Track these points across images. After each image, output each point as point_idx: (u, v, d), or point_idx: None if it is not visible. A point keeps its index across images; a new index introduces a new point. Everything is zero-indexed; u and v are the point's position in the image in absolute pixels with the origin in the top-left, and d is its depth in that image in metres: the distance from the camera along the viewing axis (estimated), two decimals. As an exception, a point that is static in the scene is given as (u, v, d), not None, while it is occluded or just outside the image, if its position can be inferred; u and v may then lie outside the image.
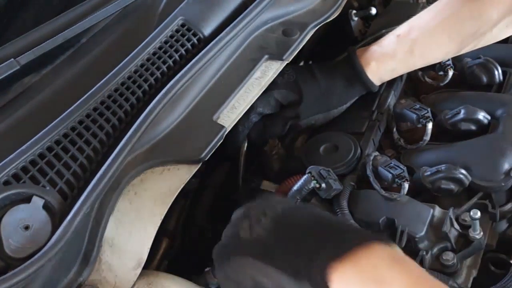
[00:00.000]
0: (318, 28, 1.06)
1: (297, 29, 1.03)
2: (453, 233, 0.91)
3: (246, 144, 1.04)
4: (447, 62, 1.11)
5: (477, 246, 0.91)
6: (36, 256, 0.68)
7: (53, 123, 0.79)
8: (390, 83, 1.12)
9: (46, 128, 0.78)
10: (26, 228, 0.70)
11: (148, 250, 0.78)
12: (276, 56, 0.99)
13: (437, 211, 0.93)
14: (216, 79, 0.94)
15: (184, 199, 0.93)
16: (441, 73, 1.12)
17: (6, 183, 0.72)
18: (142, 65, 0.88)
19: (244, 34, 0.98)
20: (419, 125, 1.03)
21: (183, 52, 0.92)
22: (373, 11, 1.32)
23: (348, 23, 1.31)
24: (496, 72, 1.12)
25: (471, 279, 0.90)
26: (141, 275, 0.78)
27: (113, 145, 0.79)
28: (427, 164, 0.97)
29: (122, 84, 0.85)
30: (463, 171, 0.96)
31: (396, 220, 0.90)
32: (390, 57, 1.06)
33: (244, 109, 0.93)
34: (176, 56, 0.91)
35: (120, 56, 0.88)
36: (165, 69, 0.90)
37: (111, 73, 0.85)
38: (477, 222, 0.90)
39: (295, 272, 0.62)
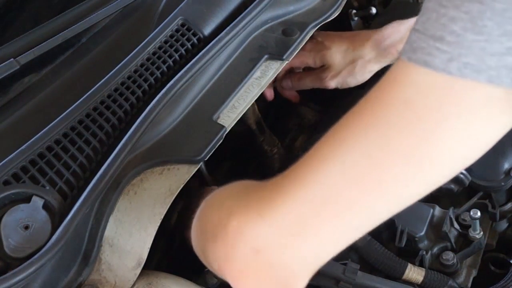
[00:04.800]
0: (318, 28, 1.06)
1: (297, 29, 1.03)
2: (453, 233, 0.92)
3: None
4: None
5: (477, 246, 0.91)
6: (36, 256, 0.67)
7: (53, 122, 0.79)
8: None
9: (46, 128, 0.78)
10: (26, 228, 0.70)
11: (148, 250, 0.78)
12: (276, 56, 0.99)
13: (437, 210, 0.93)
14: (216, 79, 0.94)
15: (184, 199, 0.92)
16: None
17: (6, 182, 0.72)
18: (142, 65, 0.88)
19: (244, 34, 0.98)
20: None
21: (183, 52, 0.92)
22: (373, 11, 1.32)
23: (348, 23, 1.31)
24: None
25: (471, 279, 0.91)
26: (141, 275, 0.78)
27: (113, 145, 0.79)
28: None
29: (122, 83, 0.85)
30: (463, 170, 0.96)
31: (396, 220, 0.91)
32: None
33: (244, 109, 0.93)
34: (176, 56, 0.91)
35: (120, 56, 0.88)
36: (165, 69, 0.90)
37: (111, 72, 0.85)
38: (477, 222, 0.90)
39: None
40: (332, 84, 1.09)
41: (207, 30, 0.96)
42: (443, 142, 0.52)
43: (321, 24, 1.06)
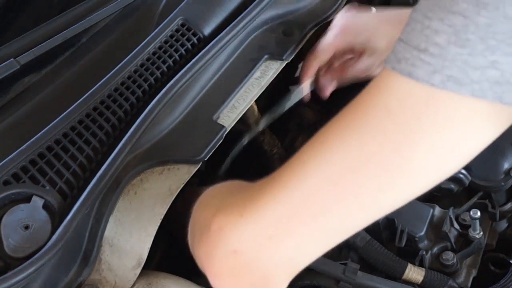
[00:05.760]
0: (318, 27, 1.06)
1: (297, 29, 1.03)
2: (453, 233, 0.92)
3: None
4: None
5: (477, 245, 0.91)
6: (36, 256, 0.68)
7: (53, 122, 0.79)
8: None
9: (46, 128, 0.78)
10: (26, 227, 0.70)
11: (148, 250, 0.78)
12: (276, 56, 0.99)
13: (437, 210, 0.93)
14: (216, 79, 0.94)
15: (182, 198, 0.93)
16: None
17: (6, 182, 0.72)
18: (142, 65, 0.88)
19: (244, 34, 0.98)
20: None
21: (183, 52, 0.92)
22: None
23: (348, 23, 1.31)
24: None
25: (471, 278, 0.91)
26: (141, 275, 0.78)
27: (113, 145, 0.79)
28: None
29: (122, 83, 0.85)
30: (463, 170, 0.96)
31: (396, 220, 0.90)
32: None
33: (244, 109, 0.93)
34: (176, 56, 0.92)
35: (120, 56, 0.88)
36: (165, 68, 0.90)
37: (111, 72, 0.85)
38: (477, 222, 0.90)
39: None
40: (379, 70, 0.96)
41: (207, 30, 0.96)
42: (420, 152, 0.51)
43: (321, 24, 1.06)
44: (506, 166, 0.96)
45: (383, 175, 0.53)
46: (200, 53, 0.90)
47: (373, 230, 0.90)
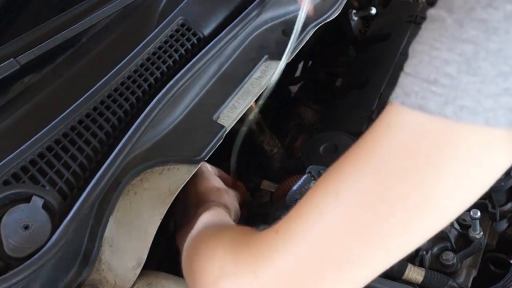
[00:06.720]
0: (318, 27, 1.06)
1: (297, 29, 1.03)
2: (453, 233, 0.92)
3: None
4: None
5: (477, 246, 0.91)
6: (36, 256, 0.67)
7: (53, 122, 0.79)
8: (391, 82, 1.12)
9: (46, 128, 0.78)
10: (26, 228, 0.70)
11: (148, 250, 0.78)
12: (276, 56, 0.99)
13: (437, 210, 0.93)
14: (216, 79, 0.94)
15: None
16: None
17: (6, 182, 0.72)
18: (142, 65, 0.88)
19: (244, 34, 0.98)
20: None
21: (183, 52, 0.92)
22: (373, 11, 1.32)
23: (348, 23, 1.31)
24: None
25: (471, 278, 0.91)
26: (141, 275, 0.78)
27: (113, 145, 0.79)
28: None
29: (122, 83, 0.85)
30: (463, 171, 0.96)
31: (396, 220, 0.90)
32: None
33: (244, 109, 0.93)
34: (176, 56, 0.91)
35: (120, 56, 0.88)
36: (165, 69, 0.90)
37: (111, 72, 0.85)
38: (477, 222, 0.90)
39: None
40: None
41: (207, 30, 0.96)
42: (442, 187, 0.50)
43: (321, 24, 1.06)
44: (506, 166, 0.96)
45: (405, 216, 0.51)
46: (200, 53, 0.90)
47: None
